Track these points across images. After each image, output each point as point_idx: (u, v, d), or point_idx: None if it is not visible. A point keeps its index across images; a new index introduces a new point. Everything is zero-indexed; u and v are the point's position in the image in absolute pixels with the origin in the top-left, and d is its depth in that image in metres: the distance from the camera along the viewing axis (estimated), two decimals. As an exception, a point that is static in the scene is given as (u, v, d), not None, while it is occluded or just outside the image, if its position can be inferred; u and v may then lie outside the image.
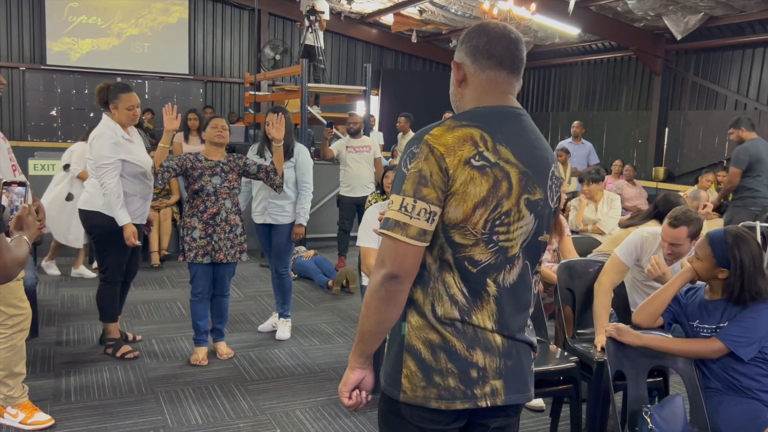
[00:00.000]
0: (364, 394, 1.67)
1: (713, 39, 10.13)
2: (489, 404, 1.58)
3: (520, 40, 1.63)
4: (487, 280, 1.56)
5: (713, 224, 5.86)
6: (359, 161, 6.86)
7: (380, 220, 3.66)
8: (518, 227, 1.57)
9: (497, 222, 1.53)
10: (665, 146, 11.22)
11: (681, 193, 5.47)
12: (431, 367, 1.56)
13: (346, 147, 6.87)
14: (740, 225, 4.64)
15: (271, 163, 4.30)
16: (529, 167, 1.57)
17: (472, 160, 1.50)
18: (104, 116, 4.08)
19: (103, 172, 3.90)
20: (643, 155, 11.48)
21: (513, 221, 1.55)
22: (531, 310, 1.68)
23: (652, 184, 10.35)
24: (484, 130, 1.53)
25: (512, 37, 1.61)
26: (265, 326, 4.93)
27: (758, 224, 7.19)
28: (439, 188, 1.49)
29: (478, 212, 1.51)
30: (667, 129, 11.20)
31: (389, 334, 1.65)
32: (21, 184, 1.94)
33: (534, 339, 1.69)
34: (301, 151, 4.70)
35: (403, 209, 1.49)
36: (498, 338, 1.59)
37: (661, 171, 10.81)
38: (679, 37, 9.85)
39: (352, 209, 6.95)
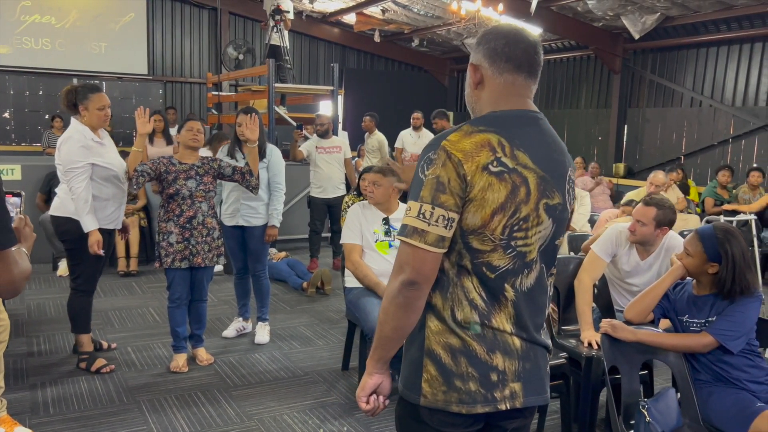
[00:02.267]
0: (381, 398, 1.67)
1: (669, 38, 10.42)
2: (508, 407, 1.59)
3: (538, 43, 1.63)
4: (505, 285, 1.57)
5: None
6: (330, 162, 6.83)
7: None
8: (536, 232, 1.58)
9: (515, 227, 1.54)
10: (625, 143, 11.49)
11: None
12: (452, 371, 1.57)
13: (316, 148, 6.83)
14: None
15: (246, 164, 4.25)
16: (547, 172, 1.57)
17: (490, 166, 1.49)
18: (72, 120, 3.96)
19: (72, 176, 3.79)
20: (603, 152, 11.73)
21: (531, 226, 1.56)
22: (547, 312, 1.70)
23: (613, 180, 10.60)
24: (501, 135, 1.53)
25: (530, 40, 1.61)
26: (229, 332, 4.82)
27: (720, 217, 7.43)
28: (457, 195, 1.49)
29: (496, 218, 1.51)
30: (626, 126, 11.48)
31: (407, 339, 1.65)
32: (16, 194, 1.88)
33: (549, 341, 1.71)
34: (274, 151, 4.66)
35: (421, 216, 1.49)
36: (517, 341, 1.60)
37: (621, 167, 11.08)
38: (636, 37, 10.11)
39: (324, 210, 6.91)
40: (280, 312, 5.48)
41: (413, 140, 8.47)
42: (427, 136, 8.67)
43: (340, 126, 11.43)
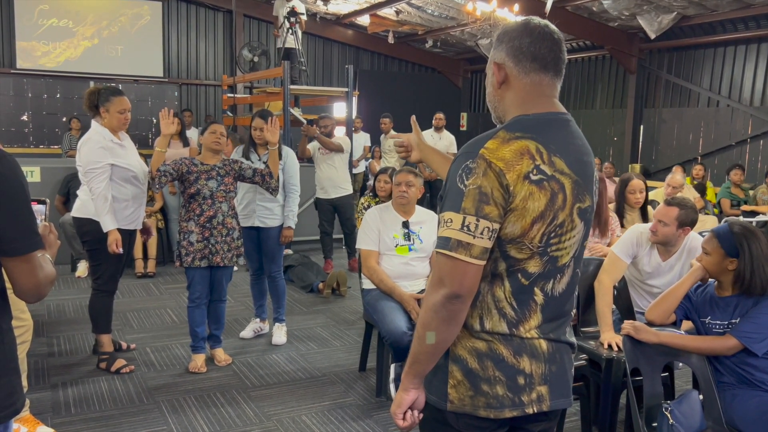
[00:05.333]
0: (416, 413, 1.63)
1: (686, 38, 10.35)
2: (535, 410, 1.57)
3: (562, 40, 1.58)
4: (535, 289, 1.55)
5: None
6: (330, 163, 6.82)
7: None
8: (570, 237, 1.55)
9: (552, 234, 1.51)
10: (641, 143, 11.42)
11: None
12: (478, 375, 1.55)
13: (318, 149, 6.82)
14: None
15: (266, 166, 4.29)
16: (579, 175, 1.55)
17: (531, 175, 1.46)
18: (93, 122, 4.01)
19: (92, 177, 3.84)
20: (619, 153, 11.67)
21: (566, 231, 1.54)
22: (573, 312, 1.68)
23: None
24: (538, 142, 1.49)
25: (555, 38, 1.56)
26: (247, 332, 4.85)
27: (739, 218, 7.36)
28: (501, 205, 1.45)
29: (535, 227, 1.48)
30: (642, 126, 11.41)
31: None
32: (40, 201, 1.90)
33: (573, 339, 1.70)
34: (289, 154, 4.69)
35: (465, 228, 1.44)
36: (544, 344, 1.58)
37: (637, 168, 11.01)
38: (653, 36, 10.04)
39: (329, 211, 6.91)
40: (296, 313, 5.50)
41: (434, 141, 8.48)
42: (447, 137, 8.67)
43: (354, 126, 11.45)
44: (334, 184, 6.79)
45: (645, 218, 4.51)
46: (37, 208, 1.88)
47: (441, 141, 8.53)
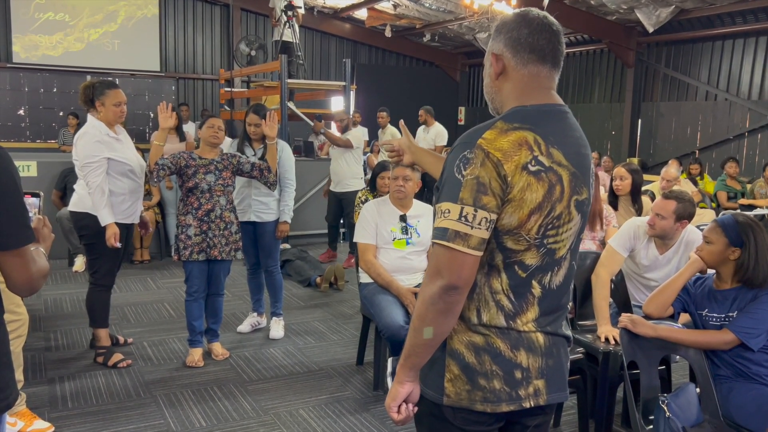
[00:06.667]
0: (411, 406, 1.62)
1: (684, 31, 10.33)
2: (532, 405, 1.57)
3: (560, 31, 1.57)
4: (533, 281, 1.54)
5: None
6: (336, 158, 6.86)
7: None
8: (567, 229, 1.54)
9: (549, 226, 1.50)
10: (638, 137, 11.42)
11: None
12: (475, 369, 1.54)
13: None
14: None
15: (264, 160, 4.28)
16: (577, 167, 1.54)
17: (529, 166, 1.44)
18: (89, 116, 4.00)
19: (89, 170, 3.83)
20: (617, 146, 11.67)
21: (563, 223, 1.53)
22: (570, 305, 1.68)
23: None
24: (536, 133, 1.48)
25: (554, 29, 1.55)
26: (244, 327, 4.85)
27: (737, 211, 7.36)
28: (498, 195, 1.44)
29: (533, 218, 1.47)
30: (640, 120, 11.40)
31: None
32: (34, 194, 1.89)
33: (569, 332, 1.70)
34: (285, 148, 4.68)
35: (463, 219, 1.43)
36: (541, 337, 1.57)
37: (634, 161, 10.99)
38: (651, 30, 10.03)
39: (335, 203, 6.99)
40: (293, 307, 5.50)
41: (423, 135, 8.57)
42: (435, 128, 8.68)
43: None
44: (339, 179, 6.84)
45: (636, 205, 4.53)
46: (31, 201, 1.86)
47: (428, 135, 8.59)
